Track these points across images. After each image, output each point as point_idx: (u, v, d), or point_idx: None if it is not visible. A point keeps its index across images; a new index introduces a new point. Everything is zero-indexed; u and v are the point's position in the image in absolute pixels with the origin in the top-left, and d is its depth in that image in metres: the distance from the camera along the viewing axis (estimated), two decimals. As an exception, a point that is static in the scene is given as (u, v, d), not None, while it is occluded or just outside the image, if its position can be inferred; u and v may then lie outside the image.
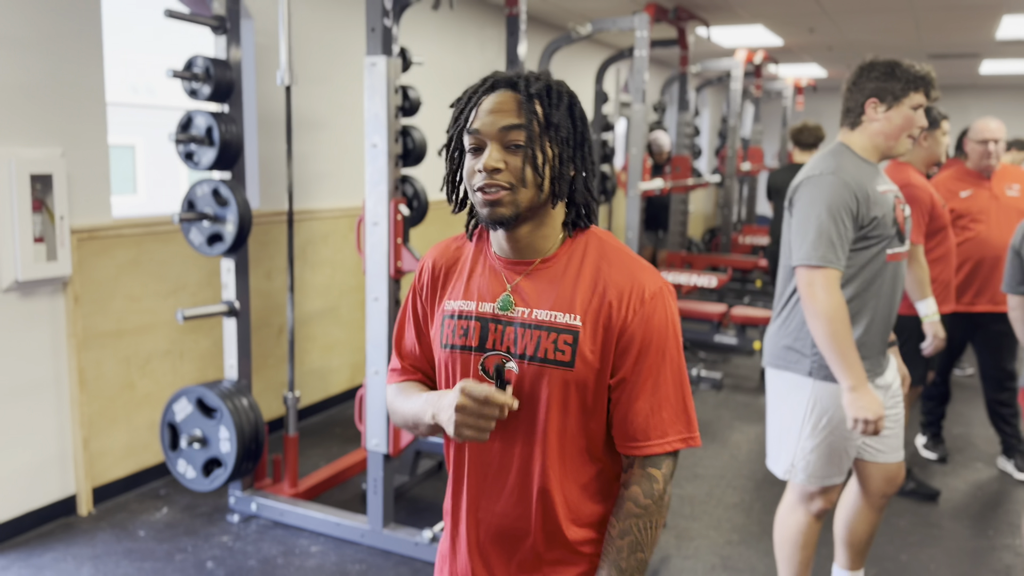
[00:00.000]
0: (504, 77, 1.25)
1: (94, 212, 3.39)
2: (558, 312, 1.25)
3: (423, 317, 1.40)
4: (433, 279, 1.38)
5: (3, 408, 3.13)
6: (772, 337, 2.42)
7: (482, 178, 1.21)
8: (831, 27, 7.00)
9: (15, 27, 3.03)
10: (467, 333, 1.30)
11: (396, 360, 1.47)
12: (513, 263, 1.30)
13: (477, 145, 1.23)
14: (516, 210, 1.22)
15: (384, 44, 2.90)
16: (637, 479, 1.27)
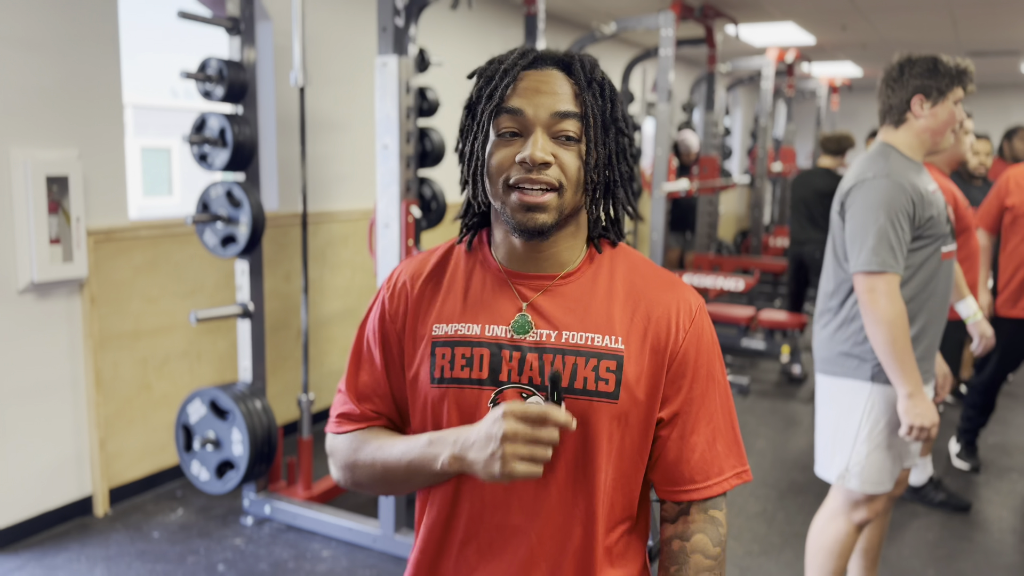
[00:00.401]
0: (551, 54, 1.06)
1: (111, 213, 3.41)
2: (595, 334, 1.04)
3: (395, 348, 1.13)
4: (410, 298, 1.13)
5: (21, 409, 3.15)
6: (825, 343, 2.36)
7: (522, 172, 1.00)
8: (864, 24, 6.84)
9: (32, 30, 3.04)
10: (472, 363, 1.05)
11: (348, 403, 1.16)
12: (528, 277, 1.08)
13: (515, 129, 1.01)
14: (558, 217, 1.02)
15: (396, 44, 2.87)
16: (700, 526, 1.08)
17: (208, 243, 3.24)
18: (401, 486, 1.10)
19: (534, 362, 1.03)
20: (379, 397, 1.15)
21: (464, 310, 1.08)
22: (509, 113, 1.01)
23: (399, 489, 1.11)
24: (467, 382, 1.05)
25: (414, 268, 1.15)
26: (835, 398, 2.34)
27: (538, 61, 1.04)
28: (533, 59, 1.04)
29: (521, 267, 1.09)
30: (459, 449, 0.99)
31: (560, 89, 1.02)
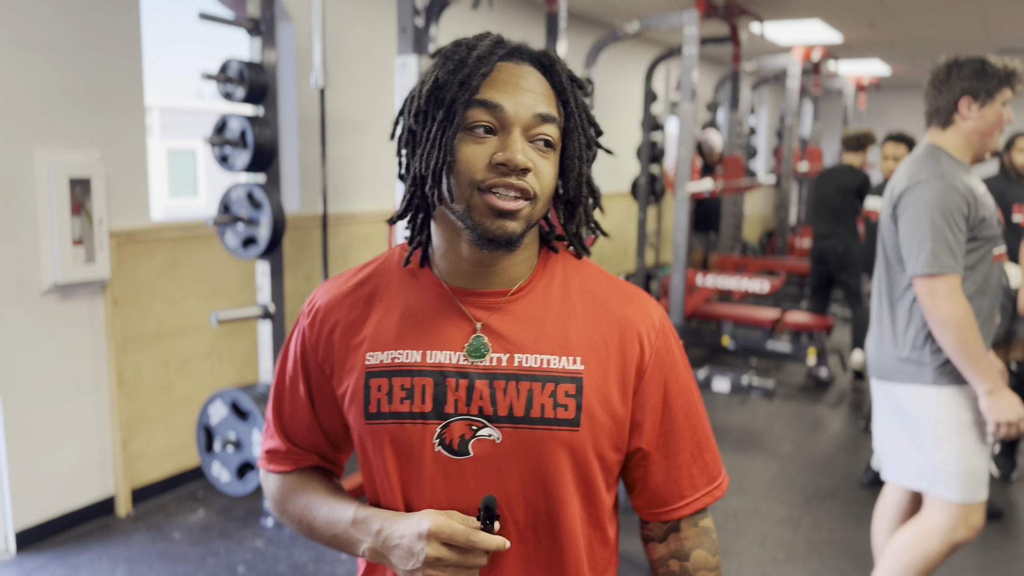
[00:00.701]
0: (528, 49, 0.96)
1: (133, 215, 3.42)
2: (551, 355, 0.94)
3: (320, 379, 1.03)
4: (335, 324, 1.01)
5: (44, 409, 3.17)
6: (881, 350, 2.32)
7: (497, 175, 0.89)
8: (892, 21, 6.72)
9: (54, 32, 3.06)
10: (412, 395, 0.94)
11: (275, 439, 1.08)
12: (477, 294, 0.97)
13: (490, 125, 0.91)
14: (526, 227, 0.93)
15: (415, 44, 2.85)
16: (695, 541, 1.03)
17: (229, 244, 3.24)
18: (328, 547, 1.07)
19: (484, 390, 0.93)
20: (306, 432, 1.06)
21: (401, 335, 0.97)
22: (485, 106, 0.90)
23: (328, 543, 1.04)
24: (407, 416, 0.94)
25: (337, 290, 1.03)
26: (899, 406, 2.29)
27: (515, 54, 0.95)
28: (510, 50, 0.94)
29: (468, 283, 0.97)
30: (381, 545, 0.93)
31: (541, 89, 0.93)
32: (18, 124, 2.98)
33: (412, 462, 0.95)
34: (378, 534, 0.93)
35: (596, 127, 1.00)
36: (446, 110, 0.91)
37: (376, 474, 0.99)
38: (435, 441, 0.94)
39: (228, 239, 3.24)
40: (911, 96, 12.30)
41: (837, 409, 5.04)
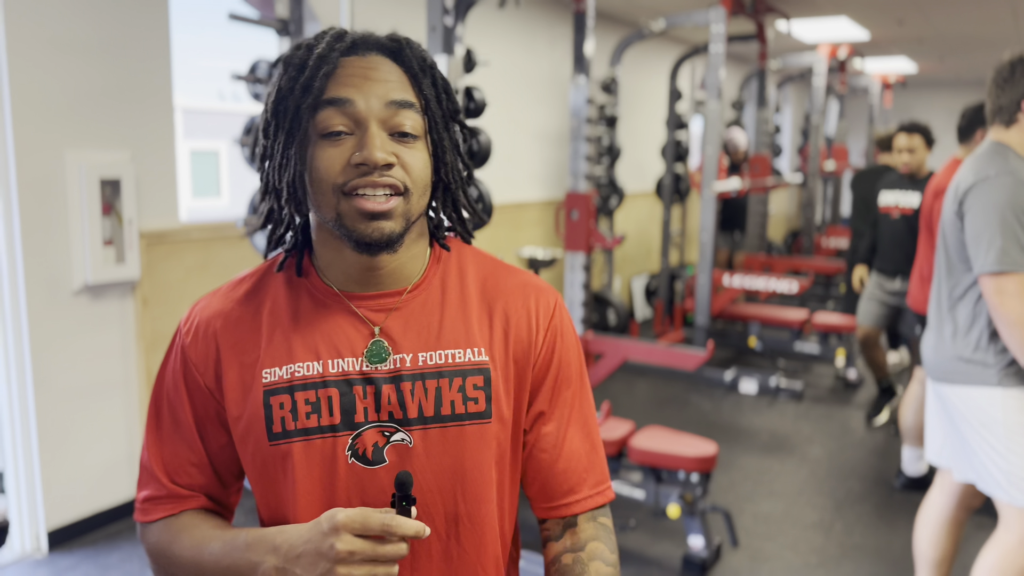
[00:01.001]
0: (373, 37, 0.91)
1: (162, 216, 3.43)
2: (455, 349, 0.92)
3: (207, 403, 0.94)
4: (220, 341, 0.93)
5: (75, 409, 3.18)
6: (942, 351, 2.27)
7: (358, 176, 0.85)
8: (921, 18, 6.63)
9: (85, 33, 3.08)
10: (319, 408, 0.89)
11: (154, 481, 0.95)
12: (371, 297, 0.93)
13: (344, 127, 0.86)
14: (406, 224, 0.88)
15: (445, 43, 2.83)
16: (592, 533, 0.97)
17: (259, 246, 3.24)
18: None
19: (392, 394, 0.90)
20: (193, 466, 0.95)
21: (297, 347, 0.91)
22: (334, 105, 0.86)
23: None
24: (316, 431, 0.89)
25: (219, 305, 0.95)
26: (960, 408, 2.23)
27: (359, 46, 0.90)
28: (352, 43, 0.89)
29: (361, 287, 0.93)
30: (283, 559, 0.82)
31: (392, 76, 0.89)
32: (50, 125, 3.00)
33: (324, 478, 0.90)
34: (277, 549, 0.83)
35: (454, 105, 0.95)
36: (292, 118, 0.88)
37: (283, 500, 0.92)
38: (347, 453, 0.89)
39: (257, 240, 3.25)
40: (938, 93, 12.14)
41: (863, 409, 4.96)
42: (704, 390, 5.27)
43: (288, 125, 0.88)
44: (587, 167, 3.86)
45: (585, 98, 3.77)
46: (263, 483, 0.92)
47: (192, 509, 0.96)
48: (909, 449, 3.75)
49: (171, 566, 0.93)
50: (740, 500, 3.65)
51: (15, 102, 2.88)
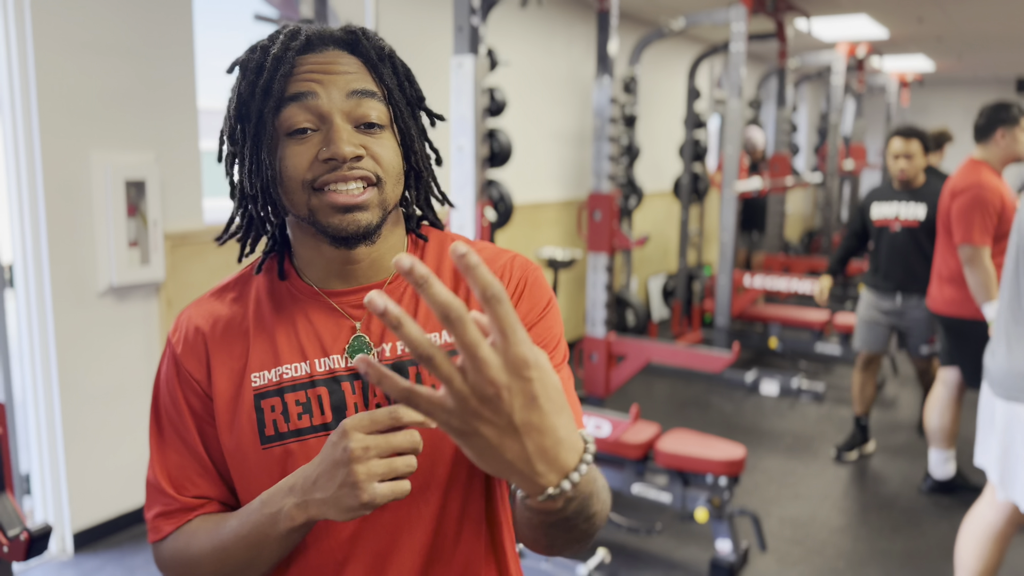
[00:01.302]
0: (326, 31, 0.90)
1: (186, 217, 3.43)
2: (433, 332, 0.91)
3: (203, 410, 0.93)
4: (209, 347, 0.93)
5: (99, 410, 3.18)
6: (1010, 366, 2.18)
7: (329, 170, 0.85)
8: (941, 16, 6.57)
9: (110, 34, 3.07)
10: (310, 408, 0.88)
11: (163, 497, 0.93)
12: (352, 292, 0.93)
13: (309, 124, 0.86)
14: (382, 214, 0.88)
15: (471, 43, 2.82)
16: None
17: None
18: (249, 572, 0.87)
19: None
20: (201, 476, 0.93)
21: (284, 349, 0.91)
22: (296, 101, 0.85)
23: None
24: (310, 431, 0.88)
25: (206, 312, 0.95)
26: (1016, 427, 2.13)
27: (314, 43, 0.88)
28: (307, 40, 0.88)
29: (341, 283, 0.93)
30: (301, 494, 0.79)
31: (352, 68, 0.88)
32: (76, 126, 3.00)
33: None
34: (293, 488, 0.80)
35: (418, 91, 0.95)
36: (256, 122, 0.87)
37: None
38: None
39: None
40: (955, 92, 12.05)
41: (888, 412, 4.92)
42: (724, 392, 5.23)
43: (254, 129, 0.88)
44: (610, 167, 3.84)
45: (609, 97, 3.75)
46: (254, 488, 0.89)
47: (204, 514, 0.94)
48: (936, 452, 3.71)
49: (192, 568, 0.90)
50: (766, 503, 3.61)
51: (42, 104, 2.88)
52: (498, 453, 0.61)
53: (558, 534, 0.74)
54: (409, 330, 0.57)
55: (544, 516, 0.68)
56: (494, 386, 0.59)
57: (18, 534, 1.47)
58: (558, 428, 0.62)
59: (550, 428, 0.62)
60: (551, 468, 0.63)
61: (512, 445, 0.61)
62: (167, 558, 0.93)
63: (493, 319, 0.58)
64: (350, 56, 0.89)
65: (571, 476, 0.64)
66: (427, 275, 0.56)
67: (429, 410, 0.60)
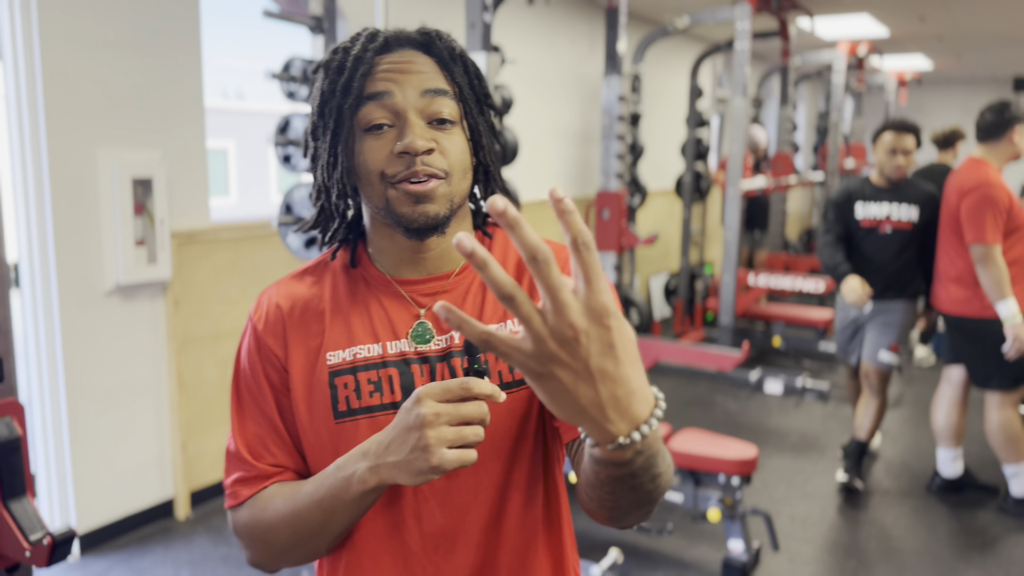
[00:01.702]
0: (403, 34, 0.96)
1: (193, 215, 3.40)
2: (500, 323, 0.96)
3: (282, 384, 0.98)
4: (288, 327, 0.98)
5: (106, 411, 3.15)
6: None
7: (402, 166, 0.90)
8: (944, 15, 6.57)
9: (117, 32, 3.04)
10: (380, 386, 0.94)
11: (242, 464, 0.98)
12: (420, 282, 0.98)
13: (385, 120, 0.91)
14: (450, 207, 0.93)
15: (484, 40, 2.79)
16: None
17: (291, 245, 3.20)
18: (320, 538, 0.91)
19: (445, 371, 0.94)
20: (277, 446, 0.98)
21: (358, 331, 0.97)
22: (374, 100, 0.91)
23: (319, 543, 0.92)
24: (380, 408, 0.93)
25: (286, 292, 1.00)
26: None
27: (392, 43, 0.95)
28: (385, 42, 0.94)
29: (411, 272, 0.99)
30: (374, 458, 0.83)
31: (426, 68, 0.94)
32: (82, 124, 2.97)
33: None
34: (366, 452, 0.85)
35: (485, 89, 0.99)
36: (336, 118, 0.93)
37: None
38: None
39: (290, 240, 3.21)
40: (952, 91, 12.07)
41: (895, 411, 4.92)
42: (729, 391, 5.22)
43: (333, 125, 0.93)
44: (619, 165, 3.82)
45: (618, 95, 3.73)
46: (325, 459, 0.94)
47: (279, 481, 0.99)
48: (944, 450, 3.71)
49: (267, 532, 0.94)
50: (775, 502, 3.60)
51: (48, 101, 2.85)
52: (572, 397, 0.61)
53: (623, 493, 0.74)
54: (493, 271, 0.58)
55: (611, 469, 0.68)
56: (573, 329, 0.59)
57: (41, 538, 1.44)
58: (631, 379, 0.62)
59: (624, 378, 0.62)
60: (622, 417, 0.63)
61: (586, 390, 0.61)
62: (244, 522, 0.97)
63: (580, 265, 0.59)
64: (424, 56, 0.95)
65: (641, 428, 0.64)
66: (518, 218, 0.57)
67: (507, 352, 0.61)
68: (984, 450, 4.19)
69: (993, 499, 3.66)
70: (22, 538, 1.43)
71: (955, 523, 3.45)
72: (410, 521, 0.94)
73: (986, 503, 3.64)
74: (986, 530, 3.39)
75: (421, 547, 0.95)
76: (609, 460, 0.67)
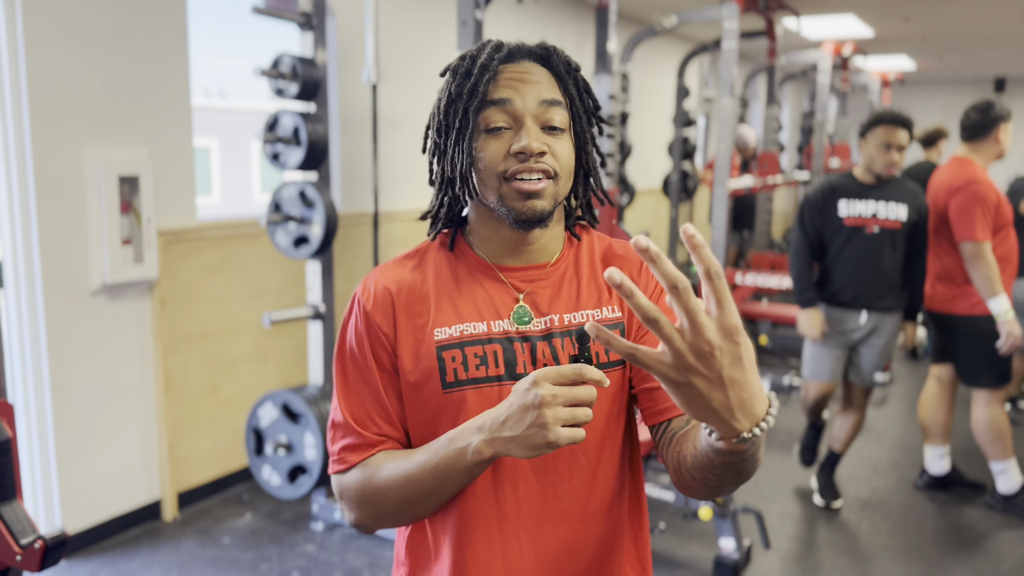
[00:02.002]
0: (526, 46, 1.07)
1: (180, 214, 3.36)
2: (593, 310, 1.09)
3: (387, 360, 1.07)
4: (397, 306, 1.07)
5: (92, 412, 3.11)
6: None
7: (518, 163, 1.01)
8: (928, 15, 6.62)
9: (103, 27, 3.00)
10: (486, 361, 1.04)
11: (349, 433, 1.06)
12: (519, 269, 1.10)
13: (504, 123, 1.02)
14: (554, 204, 1.04)
15: (475, 37, 2.77)
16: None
17: (280, 244, 3.17)
18: (429, 502, 1.00)
19: (545, 350, 1.05)
20: (381, 417, 1.07)
21: (464, 310, 1.07)
22: (496, 105, 1.02)
23: (427, 507, 1.01)
24: (485, 380, 1.03)
25: (392, 277, 1.10)
26: None
27: (514, 54, 1.06)
28: (509, 52, 1.06)
29: (512, 260, 1.10)
30: (489, 432, 0.92)
31: (543, 79, 1.05)
32: (67, 121, 2.92)
33: None
34: (482, 427, 0.93)
35: (595, 102, 1.11)
36: (462, 118, 1.04)
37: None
38: None
39: (279, 238, 3.18)
40: (935, 91, 12.17)
41: (882, 409, 4.95)
42: (717, 389, 5.23)
43: (458, 124, 1.05)
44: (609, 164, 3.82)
45: (608, 94, 3.72)
46: (432, 430, 1.04)
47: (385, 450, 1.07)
48: (931, 448, 3.73)
49: (378, 495, 1.02)
50: (764, 500, 3.61)
51: (33, 97, 2.80)
52: (706, 401, 0.75)
53: (729, 474, 0.88)
54: (639, 299, 0.70)
55: (729, 456, 0.82)
56: (710, 345, 0.72)
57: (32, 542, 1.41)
58: (754, 384, 0.76)
59: (749, 384, 0.75)
60: (746, 416, 0.76)
61: (718, 395, 0.74)
62: (353, 486, 1.05)
63: (712, 291, 0.71)
64: (542, 68, 1.06)
65: (760, 424, 0.77)
66: (659, 253, 0.69)
67: (650, 364, 0.73)
68: (970, 447, 4.22)
69: (980, 496, 3.69)
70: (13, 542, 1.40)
71: (943, 520, 3.48)
72: (507, 489, 1.04)
73: (973, 500, 3.66)
74: (974, 526, 3.41)
75: (516, 513, 1.04)
76: (730, 450, 0.80)
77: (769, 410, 0.78)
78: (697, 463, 0.91)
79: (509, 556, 1.04)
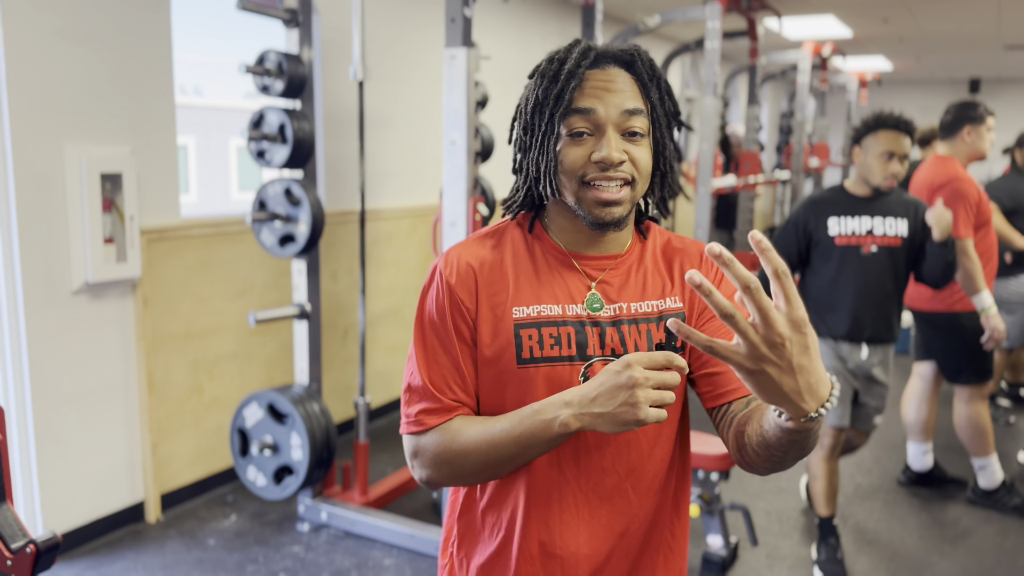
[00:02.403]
0: (612, 52, 1.10)
1: (163, 212, 3.32)
2: (658, 300, 1.15)
3: (466, 331, 1.13)
4: (479, 281, 1.13)
5: (74, 412, 3.06)
6: None
7: (598, 170, 1.06)
8: (907, 17, 6.70)
9: (84, 23, 2.95)
10: (560, 341, 1.10)
11: (428, 397, 1.12)
12: (592, 258, 1.16)
13: (586, 129, 1.07)
14: (631, 208, 1.10)
15: (464, 35, 2.76)
16: None
17: (265, 242, 3.14)
18: (506, 467, 1.08)
19: (614, 335, 1.11)
20: (457, 384, 1.13)
21: (540, 292, 1.12)
22: (580, 113, 1.06)
23: (503, 471, 1.09)
24: (557, 360, 1.09)
25: (474, 251, 1.16)
26: None
27: (600, 60, 1.09)
28: (595, 58, 1.09)
29: (587, 250, 1.15)
30: (579, 407, 0.99)
31: (626, 87, 1.08)
32: (48, 118, 2.87)
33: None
34: (569, 402, 1.00)
35: (675, 107, 1.14)
36: (547, 122, 1.09)
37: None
38: (581, 378, 1.10)
39: (264, 237, 3.15)
40: (911, 92, 12.32)
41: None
42: (700, 387, 5.25)
43: (544, 127, 1.10)
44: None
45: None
46: (501, 400, 1.11)
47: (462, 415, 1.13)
48: (914, 444, 3.77)
49: (457, 457, 1.08)
50: (751, 497, 3.63)
51: (12, 94, 2.75)
52: (777, 387, 0.83)
53: (792, 450, 0.94)
54: (717, 298, 0.78)
55: (796, 435, 0.89)
56: (781, 337, 0.79)
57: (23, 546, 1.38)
58: (819, 370, 0.84)
59: (815, 369, 0.83)
60: (813, 398, 0.84)
61: (788, 381, 0.82)
62: (431, 448, 1.11)
63: (780, 288, 0.79)
64: (626, 74, 1.10)
65: (825, 405, 0.85)
66: (732, 258, 0.76)
67: (726, 355, 0.81)
68: (952, 443, 4.27)
69: (962, 491, 3.73)
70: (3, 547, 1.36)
71: (926, 515, 3.51)
72: (569, 461, 1.11)
73: (955, 495, 3.71)
74: (956, 522, 3.45)
75: (575, 477, 1.11)
76: (797, 429, 0.88)
77: (832, 391, 0.86)
78: (763, 441, 0.97)
79: (566, 529, 1.12)
